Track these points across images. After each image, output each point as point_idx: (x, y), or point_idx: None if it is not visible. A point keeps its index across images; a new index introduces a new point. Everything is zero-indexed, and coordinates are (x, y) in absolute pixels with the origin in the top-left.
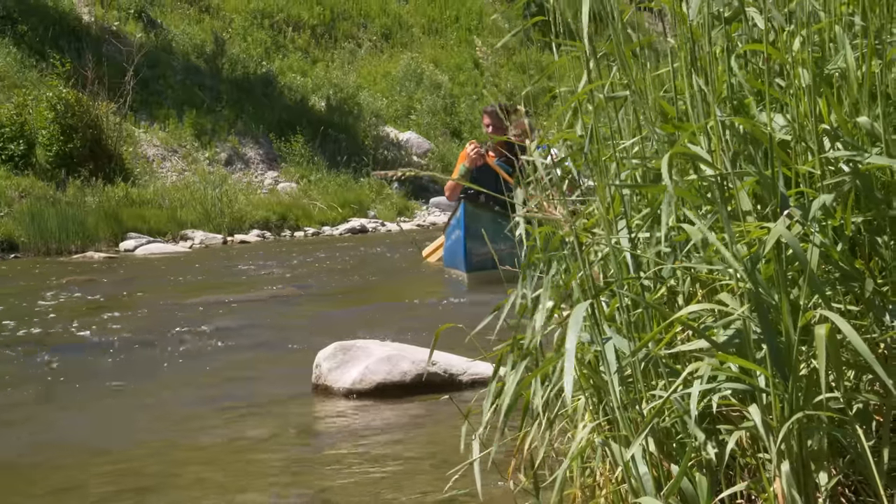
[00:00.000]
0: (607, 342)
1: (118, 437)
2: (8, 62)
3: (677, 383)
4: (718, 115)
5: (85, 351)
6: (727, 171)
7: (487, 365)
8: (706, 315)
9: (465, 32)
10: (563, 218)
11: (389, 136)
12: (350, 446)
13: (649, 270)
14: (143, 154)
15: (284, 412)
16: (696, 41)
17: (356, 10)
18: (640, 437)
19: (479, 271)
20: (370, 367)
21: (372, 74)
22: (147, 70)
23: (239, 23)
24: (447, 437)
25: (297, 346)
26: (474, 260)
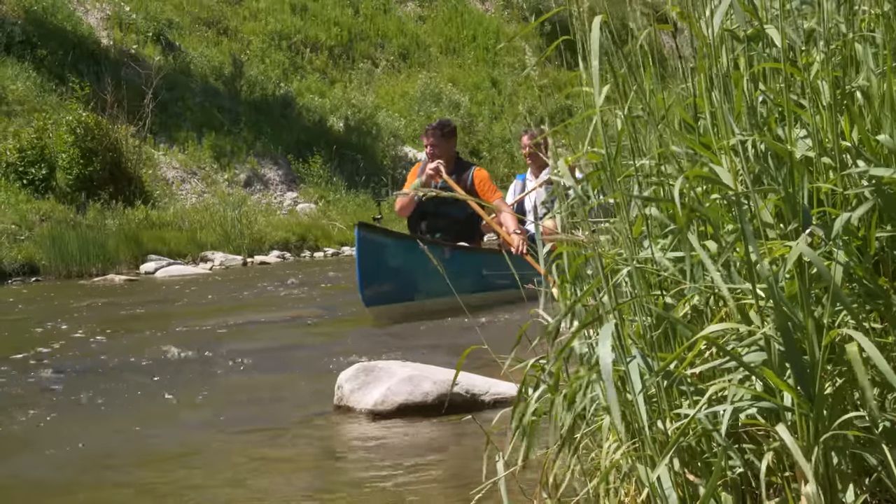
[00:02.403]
0: (632, 361)
1: (139, 456)
2: (28, 86)
3: (702, 402)
4: (738, 133)
5: (105, 372)
6: (748, 189)
7: (510, 385)
8: (730, 334)
9: (483, 51)
10: (586, 239)
11: (408, 155)
12: (373, 467)
13: (671, 289)
14: (162, 176)
15: (306, 433)
16: (716, 59)
17: (373, 31)
18: (665, 457)
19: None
20: (392, 388)
21: (390, 94)
22: (166, 93)
23: (257, 45)
24: (470, 458)
25: (318, 366)
26: (373, 293)
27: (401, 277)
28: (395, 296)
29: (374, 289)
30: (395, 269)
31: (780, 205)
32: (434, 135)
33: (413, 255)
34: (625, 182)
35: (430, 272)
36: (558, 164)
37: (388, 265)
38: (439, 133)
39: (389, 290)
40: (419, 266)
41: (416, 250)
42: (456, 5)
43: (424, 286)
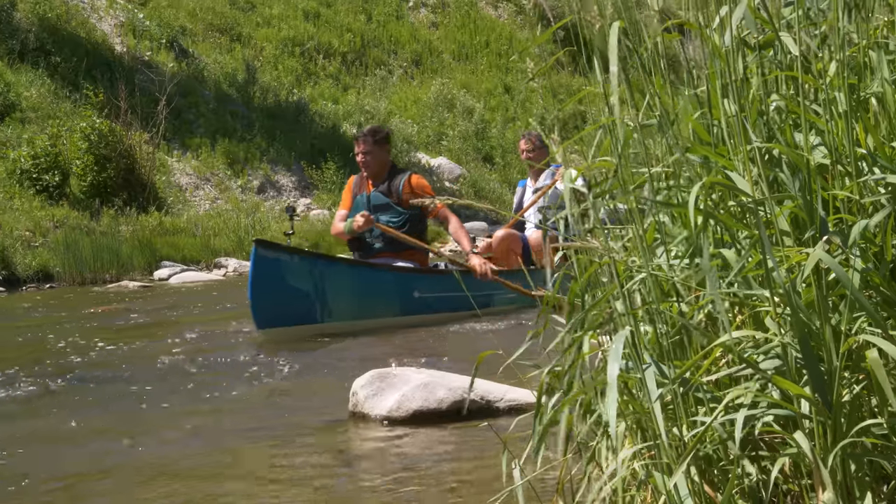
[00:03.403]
0: (647, 369)
1: (152, 463)
2: (42, 93)
3: (719, 409)
4: (754, 139)
5: (118, 379)
6: (765, 196)
7: (525, 391)
8: (746, 341)
9: (496, 57)
10: (600, 247)
11: (421, 161)
12: (388, 474)
13: (686, 296)
14: (176, 183)
15: (321, 440)
16: (728, 65)
17: (386, 37)
18: (682, 465)
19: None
20: (406, 395)
21: (403, 101)
22: (179, 99)
23: (270, 51)
24: (485, 465)
25: (333, 373)
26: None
27: (303, 298)
28: (295, 317)
29: (269, 310)
30: (298, 289)
31: (796, 212)
32: (366, 142)
33: (319, 274)
34: (638, 189)
35: (342, 293)
36: (567, 172)
37: (288, 285)
38: (371, 140)
39: (289, 312)
40: (327, 286)
41: (322, 269)
42: (469, 11)
43: (334, 308)
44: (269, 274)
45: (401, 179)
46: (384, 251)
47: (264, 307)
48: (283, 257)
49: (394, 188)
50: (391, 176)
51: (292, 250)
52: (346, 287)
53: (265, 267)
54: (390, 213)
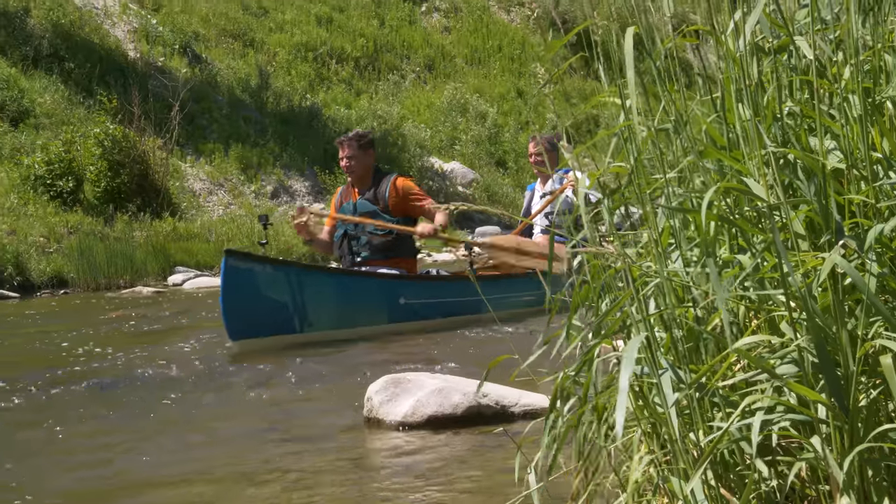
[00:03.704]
0: (663, 374)
1: (170, 468)
2: (56, 99)
3: (735, 414)
4: (769, 144)
5: (134, 384)
6: (780, 201)
7: (539, 396)
8: (762, 346)
9: (508, 62)
10: (615, 251)
11: (434, 166)
12: (403, 479)
13: (701, 300)
14: (189, 188)
15: (336, 445)
16: (742, 70)
17: (399, 42)
18: (699, 470)
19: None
20: (421, 400)
21: (415, 105)
22: (193, 105)
23: (283, 56)
24: (500, 470)
25: (347, 378)
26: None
27: (279, 308)
28: (270, 328)
29: (242, 321)
30: (273, 299)
31: (811, 216)
32: (350, 146)
33: (296, 283)
34: (652, 195)
35: (321, 301)
36: (581, 178)
37: (263, 295)
38: (355, 144)
39: (263, 322)
40: (304, 295)
41: (299, 277)
42: (481, 16)
43: (312, 317)
44: (241, 284)
45: (386, 185)
46: (370, 259)
47: (237, 318)
48: (255, 267)
49: (380, 195)
50: (376, 182)
51: (265, 259)
52: (325, 296)
53: (237, 277)
54: (377, 219)
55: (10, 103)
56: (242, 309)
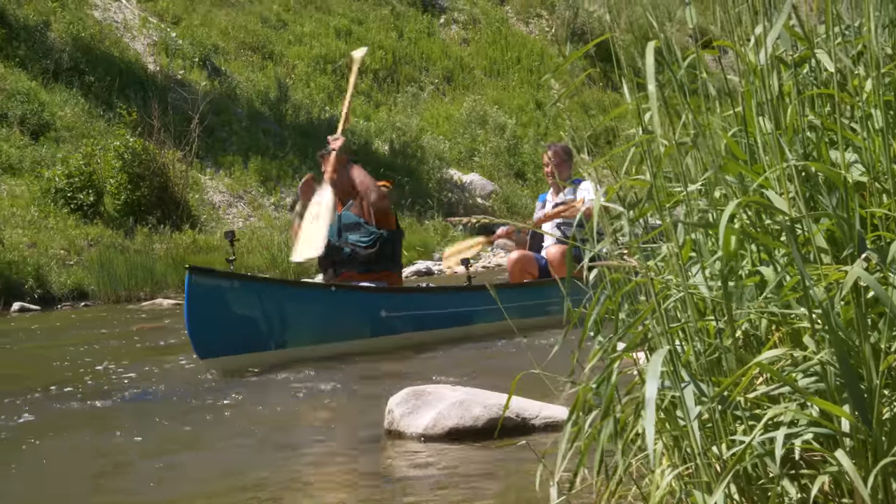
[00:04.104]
0: (686, 388)
1: (187, 480)
2: (76, 112)
3: (758, 428)
4: (790, 158)
5: (155, 396)
6: (801, 214)
7: (560, 408)
8: (785, 359)
9: (527, 73)
10: (637, 264)
11: (453, 178)
12: (425, 491)
13: (723, 314)
14: (209, 201)
15: (358, 457)
16: (764, 84)
17: (418, 54)
18: (722, 484)
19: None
20: (442, 412)
21: (434, 117)
22: (212, 117)
23: (302, 69)
24: (522, 482)
25: (368, 390)
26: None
27: (250, 325)
28: (241, 346)
29: (211, 339)
30: (243, 315)
31: (833, 230)
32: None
33: (268, 298)
34: (672, 208)
35: (295, 317)
36: (592, 188)
37: (232, 312)
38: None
39: (233, 340)
40: (277, 311)
41: (271, 293)
42: (500, 28)
43: (287, 333)
44: (207, 302)
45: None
46: (353, 272)
47: (204, 337)
48: (222, 284)
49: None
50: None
51: (233, 276)
52: (300, 311)
53: (202, 295)
54: (360, 231)
55: (30, 116)
56: (210, 327)
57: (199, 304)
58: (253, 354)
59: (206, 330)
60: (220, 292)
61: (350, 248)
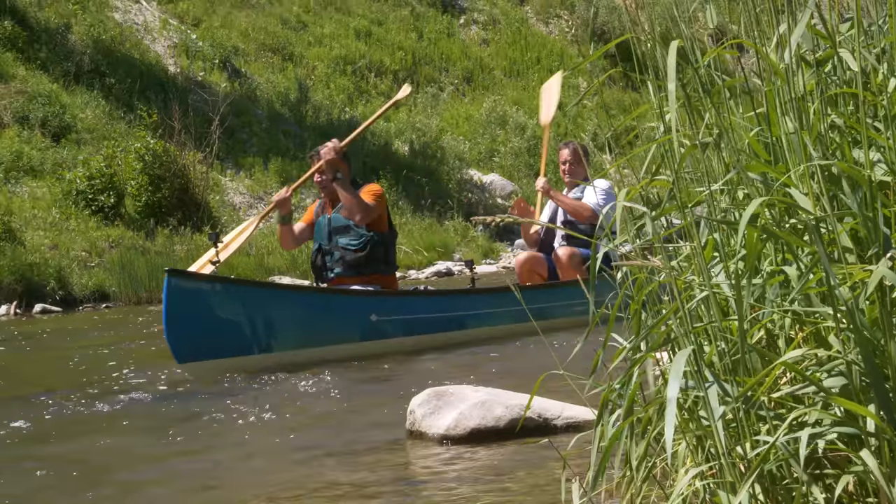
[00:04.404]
0: (710, 387)
1: (210, 483)
2: (97, 114)
3: (783, 428)
4: (815, 157)
5: (177, 397)
6: (826, 213)
7: (582, 409)
8: (809, 358)
9: (547, 74)
10: (661, 264)
11: (473, 178)
12: (448, 492)
13: (746, 314)
14: (229, 202)
15: (380, 458)
16: (788, 84)
17: (437, 55)
18: (746, 484)
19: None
20: (464, 413)
21: (454, 118)
22: (232, 119)
23: (322, 70)
24: (544, 482)
25: (389, 391)
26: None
27: (232, 328)
28: (222, 350)
29: (190, 343)
30: (225, 319)
31: (857, 229)
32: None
33: (251, 301)
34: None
35: (279, 320)
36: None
37: (213, 316)
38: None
39: (215, 344)
40: (261, 314)
41: (255, 296)
42: (519, 28)
43: (271, 336)
44: (186, 306)
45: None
46: (343, 275)
47: (183, 341)
48: (203, 287)
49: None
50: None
51: (214, 279)
52: (285, 314)
53: (181, 298)
54: (350, 234)
55: (51, 119)
56: (190, 331)
57: (178, 308)
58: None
59: (184, 334)
60: (200, 295)
61: (340, 252)
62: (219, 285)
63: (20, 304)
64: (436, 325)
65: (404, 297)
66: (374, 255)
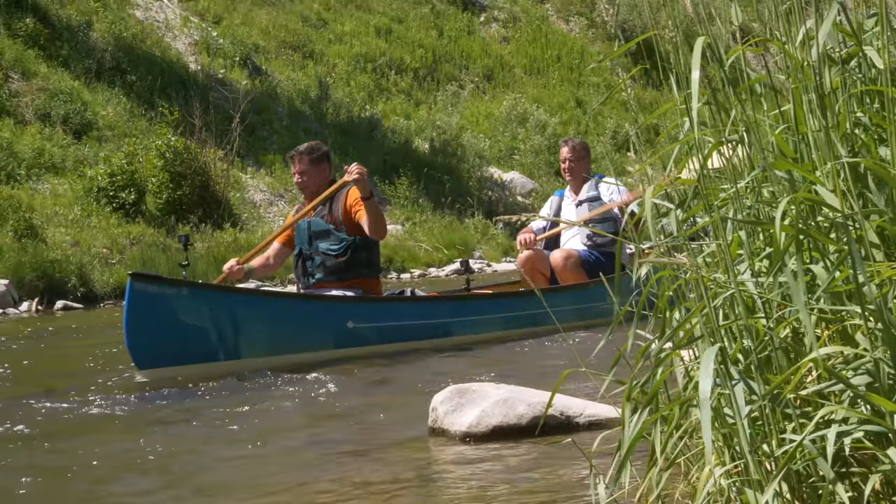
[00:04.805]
0: (736, 385)
1: (234, 478)
2: (118, 112)
3: (810, 426)
4: (843, 154)
5: (197, 394)
6: (854, 211)
7: (605, 407)
8: (836, 356)
9: (567, 71)
10: (687, 262)
11: (493, 176)
12: (470, 490)
13: (772, 311)
14: (250, 199)
15: (403, 455)
16: (815, 81)
17: (458, 52)
18: (773, 482)
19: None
20: (486, 410)
21: (474, 115)
22: (253, 116)
23: (342, 68)
24: (567, 480)
25: (411, 388)
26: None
27: (197, 334)
28: (187, 356)
29: (151, 349)
30: (190, 325)
31: (883, 226)
32: (301, 160)
33: (217, 307)
34: (720, 206)
35: (248, 326)
36: (648, 189)
37: (177, 321)
38: (307, 159)
39: (179, 350)
40: (228, 320)
41: (221, 302)
42: (540, 25)
43: (239, 343)
44: (149, 310)
45: (339, 200)
46: (325, 281)
47: (144, 347)
48: (167, 291)
49: (334, 211)
50: (332, 198)
51: (180, 283)
52: (255, 320)
53: (144, 302)
54: (331, 239)
55: (73, 116)
56: (151, 336)
57: (139, 313)
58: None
59: (145, 339)
60: (164, 300)
61: (321, 257)
62: (185, 290)
63: (41, 301)
64: (419, 331)
65: (383, 303)
66: (355, 259)
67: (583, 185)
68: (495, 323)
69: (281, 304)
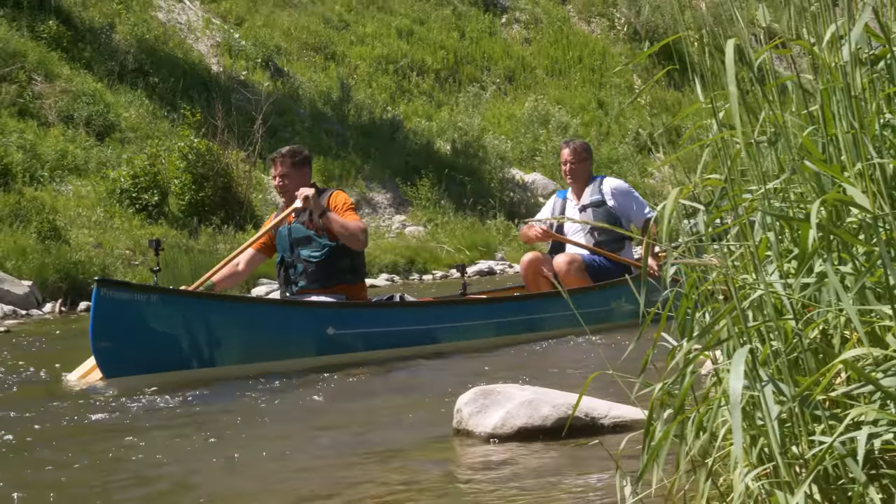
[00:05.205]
0: (766, 387)
1: (254, 480)
2: (140, 113)
3: (841, 428)
4: (874, 155)
5: (220, 397)
6: (886, 211)
7: (630, 408)
8: (865, 358)
9: (589, 73)
10: (717, 263)
11: (515, 177)
12: (496, 491)
13: (800, 313)
14: (272, 201)
15: (427, 457)
16: (845, 83)
17: (479, 54)
18: (804, 483)
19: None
20: (511, 412)
21: (496, 117)
22: (275, 118)
23: (364, 69)
24: (593, 482)
25: (435, 389)
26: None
27: (168, 342)
28: (157, 363)
29: (119, 357)
30: (160, 332)
31: None
32: (283, 163)
33: (190, 314)
34: (747, 207)
35: (222, 333)
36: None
37: (147, 328)
38: (289, 161)
39: (148, 358)
40: (201, 327)
41: (193, 308)
42: (561, 27)
43: (213, 350)
44: (116, 317)
45: (324, 200)
46: (308, 288)
47: (111, 354)
48: (136, 297)
49: (315, 218)
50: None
51: (150, 289)
52: (227, 327)
53: (111, 309)
54: (312, 246)
55: (96, 118)
56: (119, 344)
57: (107, 320)
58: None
59: (113, 347)
60: (133, 307)
61: (303, 265)
62: (155, 296)
63: (65, 303)
64: (403, 338)
65: (365, 309)
66: (338, 265)
67: (585, 188)
68: (487, 329)
69: (257, 310)
